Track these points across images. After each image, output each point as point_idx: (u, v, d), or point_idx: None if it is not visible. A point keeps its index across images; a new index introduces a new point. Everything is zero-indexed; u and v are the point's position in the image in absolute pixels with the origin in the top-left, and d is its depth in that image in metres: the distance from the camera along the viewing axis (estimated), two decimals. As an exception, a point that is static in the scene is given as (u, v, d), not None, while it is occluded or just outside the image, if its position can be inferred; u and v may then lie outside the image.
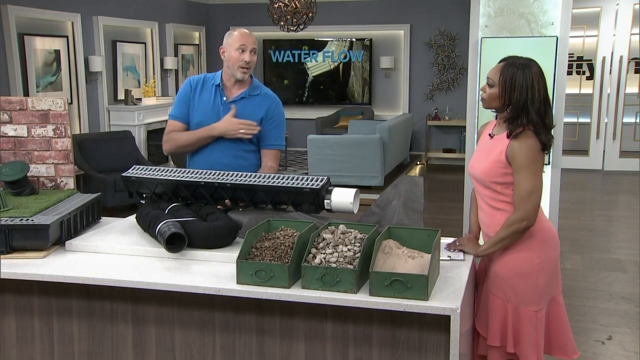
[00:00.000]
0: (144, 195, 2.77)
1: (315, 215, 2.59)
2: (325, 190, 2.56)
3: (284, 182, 2.58)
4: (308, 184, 2.56)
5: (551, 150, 2.38)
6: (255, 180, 2.60)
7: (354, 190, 2.58)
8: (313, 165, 8.00)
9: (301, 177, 2.63)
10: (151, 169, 2.78)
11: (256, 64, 3.00)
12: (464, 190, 4.79)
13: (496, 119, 2.45)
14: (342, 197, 2.55)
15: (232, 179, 2.63)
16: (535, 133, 2.27)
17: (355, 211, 2.59)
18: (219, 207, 2.67)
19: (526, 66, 2.28)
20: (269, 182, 2.59)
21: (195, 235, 2.37)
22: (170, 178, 2.68)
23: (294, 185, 2.56)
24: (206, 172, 2.69)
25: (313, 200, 2.55)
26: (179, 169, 2.75)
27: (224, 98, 2.95)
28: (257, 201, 2.63)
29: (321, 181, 2.58)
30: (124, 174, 2.77)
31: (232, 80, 2.96)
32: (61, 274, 2.23)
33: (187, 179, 2.65)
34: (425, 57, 10.35)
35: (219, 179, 2.64)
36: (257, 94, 3.00)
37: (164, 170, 2.76)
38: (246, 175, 2.65)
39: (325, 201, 2.56)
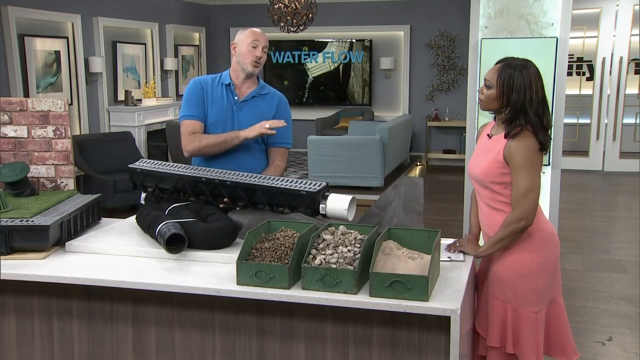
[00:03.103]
0: (148, 188, 2.79)
1: (315, 217, 2.59)
2: (321, 195, 2.56)
3: (282, 184, 2.59)
4: (305, 187, 2.56)
5: (550, 150, 2.38)
6: (254, 180, 2.61)
7: (349, 197, 2.56)
8: (313, 166, 8.00)
9: (301, 180, 2.64)
10: (157, 163, 2.82)
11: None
12: (464, 191, 4.80)
13: (495, 120, 2.45)
14: (337, 204, 2.53)
15: (232, 178, 2.64)
16: (534, 133, 2.27)
17: (350, 219, 2.56)
18: (221, 205, 2.67)
19: (524, 67, 2.29)
20: (268, 182, 2.60)
21: (195, 236, 2.37)
22: (173, 172, 2.71)
23: (291, 187, 2.56)
24: (208, 170, 2.71)
25: (309, 204, 2.55)
26: (182, 165, 2.78)
27: (236, 97, 2.98)
28: (255, 201, 2.64)
29: (319, 186, 2.58)
30: (130, 165, 2.81)
31: (242, 78, 2.98)
32: (61, 275, 2.24)
33: (188, 174, 2.68)
34: (425, 58, 10.36)
35: (219, 176, 2.65)
36: (266, 92, 3.05)
37: (168, 165, 2.80)
38: (246, 175, 2.66)
39: (321, 206, 2.55)
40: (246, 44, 2.93)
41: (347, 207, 2.52)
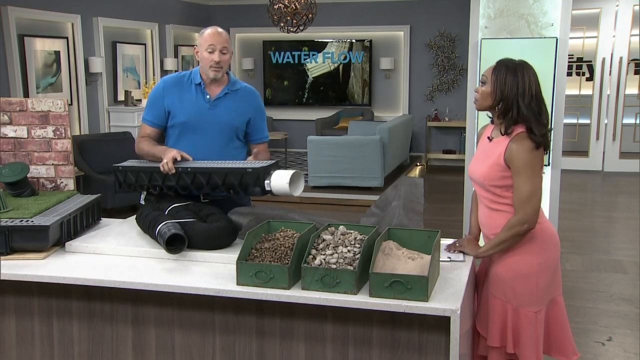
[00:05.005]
0: (130, 185, 2.85)
1: (315, 217, 2.59)
2: (266, 173, 2.59)
3: (232, 165, 2.68)
4: (252, 165, 2.63)
5: (550, 150, 2.39)
6: (209, 164, 2.71)
7: (292, 171, 2.58)
8: (313, 167, 8.00)
9: (255, 162, 2.73)
10: (140, 162, 2.90)
11: (255, 65, 3.03)
12: (464, 191, 4.80)
13: (492, 122, 2.46)
14: (280, 179, 2.56)
15: (192, 164, 2.72)
16: (529, 131, 2.28)
17: (296, 194, 2.59)
18: (183, 193, 2.75)
19: (518, 65, 2.33)
20: (221, 165, 2.69)
21: (195, 236, 2.37)
22: (146, 166, 2.80)
23: (239, 166, 2.64)
24: (183, 163, 2.76)
25: (256, 182, 2.59)
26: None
27: (207, 96, 2.95)
28: (213, 185, 2.69)
29: (267, 163, 2.65)
30: (115, 164, 2.88)
31: (209, 79, 2.96)
32: (61, 275, 2.24)
33: (156, 166, 2.76)
34: (425, 58, 10.36)
35: (181, 165, 2.73)
36: (238, 88, 3.01)
37: (149, 162, 2.87)
38: (206, 162, 2.76)
39: (266, 182, 2.58)
40: (204, 49, 2.89)
41: (289, 181, 2.54)
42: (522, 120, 2.28)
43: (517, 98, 2.28)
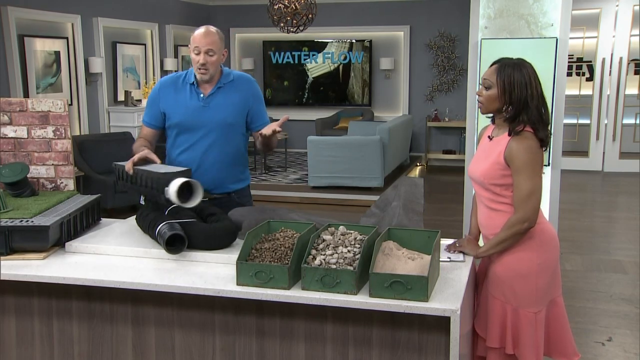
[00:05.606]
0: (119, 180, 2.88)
1: (315, 217, 2.59)
2: (171, 180, 2.53)
3: (155, 170, 2.66)
4: (165, 170, 2.61)
5: (550, 151, 2.39)
6: (145, 168, 2.71)
7: (182, 179, 2.51)
8: (313, 167, 8.00)
9: (172, 167, 2.71)
10: None
11: (255, 65, 3.02)
12: (464, 191, 4.79)
13: (493, 123, 2.46)
14: (172, 187, 2.49)
15: (141, 167, 2.72)
16: (534, 130, 2.28)
17: (187, 205, 2.51)
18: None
19: (521, 65, 2.32)
20: (149, 169, 2.68)
21: (195, 236, 2.37)
22: (122, 164, 2.81)
23: (156, 172, 2.62)
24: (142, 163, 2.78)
25: (163, 189, 2.56)
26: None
27: (201, 95, 2.95)
28: (149, 190, 2.67)
29: (176, 170, 2.61)
30: (115, 162, 2.91)
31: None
32: (61, 276, 2.24)
33: (123, 164, 2.78)
34: (425, 58, 10.36)
35: (142, 166, 2.73)
36: (231, 79, 2.99)
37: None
38: (156, 165, 2.75)
39: (165, 189, 2.53)
40: (192, 50, 2.89)
41: (177, 189, 2.47)
42: (530, 123, 2.28)
43: (526, 101, 2.28)
